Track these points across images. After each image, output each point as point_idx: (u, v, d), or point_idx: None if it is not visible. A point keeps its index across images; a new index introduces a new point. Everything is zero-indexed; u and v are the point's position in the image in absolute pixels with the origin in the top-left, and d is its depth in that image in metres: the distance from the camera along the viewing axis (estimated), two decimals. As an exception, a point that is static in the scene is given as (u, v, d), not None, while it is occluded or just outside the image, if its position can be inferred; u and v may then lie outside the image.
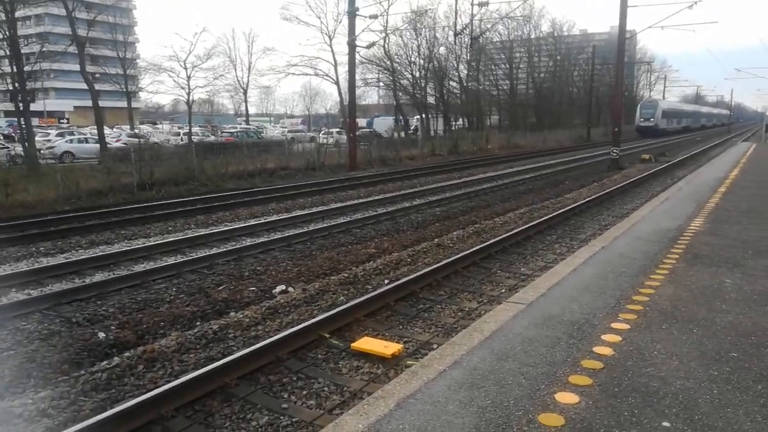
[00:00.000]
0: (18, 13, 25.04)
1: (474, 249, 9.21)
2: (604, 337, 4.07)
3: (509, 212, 13.87)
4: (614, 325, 4.30)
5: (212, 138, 39.62)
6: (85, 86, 31.22)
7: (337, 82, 46.41)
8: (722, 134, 71.91)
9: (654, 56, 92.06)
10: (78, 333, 6.25)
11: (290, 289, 7.77)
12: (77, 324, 6.63)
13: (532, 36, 66.61)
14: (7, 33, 23.72)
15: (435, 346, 5.48)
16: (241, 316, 6.64)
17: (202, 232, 11.78)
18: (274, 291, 7.71)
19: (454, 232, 11.36)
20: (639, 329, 4.22)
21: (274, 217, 13.43)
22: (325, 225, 12.42)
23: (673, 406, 3.10)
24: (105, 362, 5.47)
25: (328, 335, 5.87)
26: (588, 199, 15.22)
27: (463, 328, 4.92)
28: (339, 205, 15.42)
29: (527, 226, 11.27)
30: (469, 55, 55.36)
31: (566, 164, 28.69)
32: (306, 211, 14.30)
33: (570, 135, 53.33)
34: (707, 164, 23.55)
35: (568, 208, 13.59)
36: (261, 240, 10.99)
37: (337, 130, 47.83)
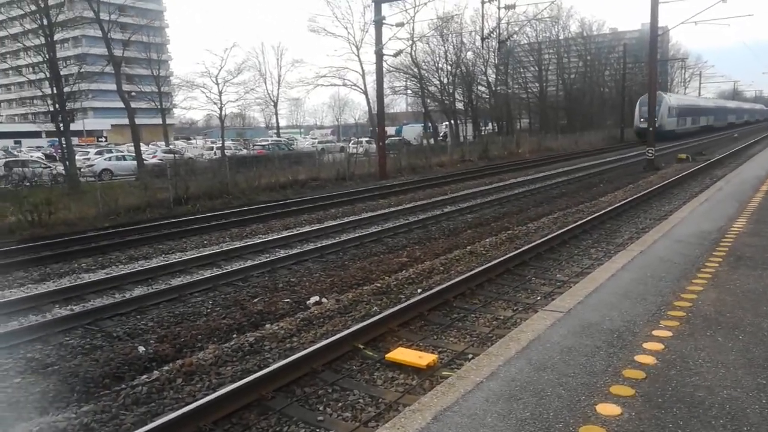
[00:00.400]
0: (56, 36, 25.92)
1: (507, 256, 9.11)
2: (645, 345, 3.95)
3: (542, 217, 13.69)
4: (656, 332, 4.18)
5: (244, 151, 40.23)
6: (121, 105, 32.10)
7: (365, 92, 46.67)
8: (763, 131, 69.61)
9: (688, 52, 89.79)
10: (119, 347, 6.40)
11: (324, 300, 7.80)
12: (118, 338, 6.79)
13: (561, 37, 65.66)
14: (46, 56, 24.63)
15: (471, 356, 5.43)
16: (277, 328, 6.69)
17: (237, 244, 11.94)
18: (308, 302, 7.75)
19: (487, 239, 11.26)
20: (682, 336, 4.09)
21: (307, 228, 13.54)
22: (356, 235, 12.46)
23: (720, 417, 2.98)
24: (145, 376, 5.59)
25: (362, 346, 5.87)
26: (624, 201, 14.90)
27: (499, 338, 4.84)
28: (370, 214, 15.45)
29: (562, 231, 11.09)
30: (497, 58, 54.91)
31: (600, 166, 28.18)
32: (338, 222, 14.38)
33: (603, 136, 52.43)
34: (747, 162, 22.84)
35: (604, 211, 13.33)
36: (294, 251, 11.08)
37: (367, 139, 48.12)
